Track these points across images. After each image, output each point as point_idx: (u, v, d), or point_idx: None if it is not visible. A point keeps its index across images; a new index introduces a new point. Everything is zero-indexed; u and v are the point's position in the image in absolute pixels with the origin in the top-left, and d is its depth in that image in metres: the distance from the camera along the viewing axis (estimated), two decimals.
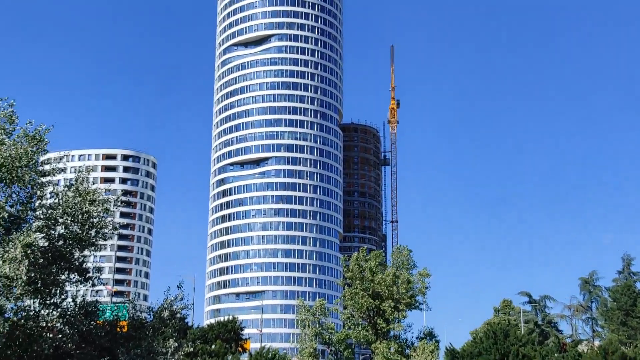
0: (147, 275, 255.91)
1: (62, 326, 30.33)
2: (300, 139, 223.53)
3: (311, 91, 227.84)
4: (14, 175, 28.50)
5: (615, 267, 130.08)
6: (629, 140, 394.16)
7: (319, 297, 77.77)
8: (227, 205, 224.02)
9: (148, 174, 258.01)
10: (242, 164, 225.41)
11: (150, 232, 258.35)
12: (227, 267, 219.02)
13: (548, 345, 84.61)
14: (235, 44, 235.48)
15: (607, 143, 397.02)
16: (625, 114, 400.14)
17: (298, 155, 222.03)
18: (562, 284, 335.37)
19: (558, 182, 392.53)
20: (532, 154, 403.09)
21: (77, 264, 30.83)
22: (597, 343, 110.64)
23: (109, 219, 31.72)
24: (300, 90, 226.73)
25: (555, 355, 70.14)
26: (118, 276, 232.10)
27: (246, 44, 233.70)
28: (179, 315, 34.51)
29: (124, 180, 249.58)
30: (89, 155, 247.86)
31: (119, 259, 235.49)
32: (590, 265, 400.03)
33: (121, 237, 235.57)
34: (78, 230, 30.44)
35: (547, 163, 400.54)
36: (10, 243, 27.00)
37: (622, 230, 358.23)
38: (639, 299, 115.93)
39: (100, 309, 31.95)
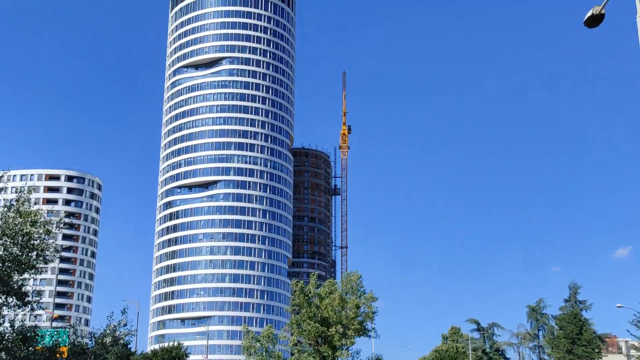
0: (89, 299, 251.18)
1: None
2: (250, 163, 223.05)
3: (262, 115, 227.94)
4: None
5: (562, 296, 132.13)
6: (578, 173, 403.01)
7: (267, 323, 77.39)
8: (174, 228, 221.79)
9: (93, 196, 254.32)
10: (190, 187, 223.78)
11: (93, 255, 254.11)
12: (173, 292, 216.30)
13: None
14: (186, 66, 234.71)
15: (557, 174, 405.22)
16: (570, 149, 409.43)
17: (248, 179, 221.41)
18: (510, 312, 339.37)
19: (509, 214, 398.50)
20: (483, 183, 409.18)
21: (15, 287, 30.10)
22: None
23: (51, 241, 31.10)
24: (251, 113, 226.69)
25: None
26: (59, 300, 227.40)
27: (197, 66, 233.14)
28: (122, 341, 33.95)
29: (67, 202, 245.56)
30: (31, 175, 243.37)
31: (61, 283, 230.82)
32: (538, 294, 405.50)
33: (63, 260, 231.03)
34: (18, 252, 29.76)
35: (498, 193, 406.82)
36: None
37: (570, 264, 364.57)
38: (585, 327, 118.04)
39: (40, 334, 31.23)
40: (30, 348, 30.18)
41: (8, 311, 30.41)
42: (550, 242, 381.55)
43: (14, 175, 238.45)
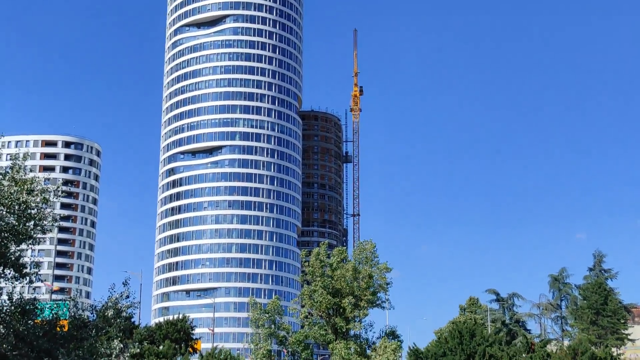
0: (89, 271, 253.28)
1: None
2: (256, 127, 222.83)
3: (269, 76, 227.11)
4: None
5: (586, 264, 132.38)
6: (604, 138, 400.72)
7: (275, 295, 77.89)
8: (178, 196, 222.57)
9: (91, 163, 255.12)
10: (194, 153, 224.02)
11: (93, 224, 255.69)
12: (177, 263, 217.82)
13: (516, 345, 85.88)
14: (188, 25, 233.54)
15: (581, 141, 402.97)
16: (600, 114, 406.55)
17: (254, 144, 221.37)
18: (531, 281, 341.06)
19: (531, 178, 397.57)
20: (503, 148, 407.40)
21: (13, 258, 30.32)
22: (566, 343, 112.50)
23: (49, 210, 31.24)
24: (257, 74, 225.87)
25: (523, 355, 71.15)
26: (58, 272, 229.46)
27: (199, 25, 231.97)
28: (124, 314, 34.23)
29: (65, 169, 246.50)
30: (27, 141, 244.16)
31: (60, 254, 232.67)
32: (562, 263, 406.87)
33: (62, 229, 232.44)
34: (14, 222, 29.91)
35: (519, 159, 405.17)
36: None
37: (595, 230, 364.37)
38: (610, 297, 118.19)
39: (39, 307, 31.50)
40: (29, 322, 30.47)
41: (6, 283, 30.69)
42: (573, 208, 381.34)
43: (9, 142, 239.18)
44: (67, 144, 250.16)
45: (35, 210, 30.54)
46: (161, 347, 77.29)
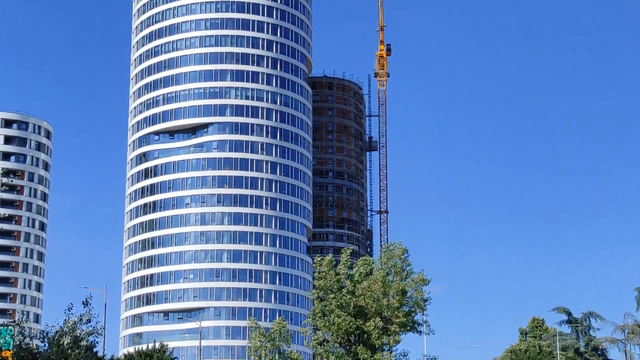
0: (39, 287, 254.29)
1: None
2: (252, 99, 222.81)
3: (268, 32, 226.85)
4: None
5: None
6: None
7: (280, 316, 78.06)
8: (151, 189, 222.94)
9: (39, 147, 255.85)
10: (172, 133, 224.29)
11: (43, 227, 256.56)
12: (152, 276, 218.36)
13: None
14: None
15: None
16: None
17: (250, 120, 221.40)
18: (612, 297, 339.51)
19: (608, 168, 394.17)
20: (572, 125, 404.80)
21: None
22: None
23: None
24: (253, 30, 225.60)
25: None
26: None
27: None
28: (84, 342, 34.38)
29: (5, 155, 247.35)
30: None
31: (0, 265, 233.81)
32: None
33: (2, 234, 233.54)
34: None
35: (591, 138, 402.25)
36: None
37: None
38: None
39: None
40: None
41: None
42: None
43: None
44: (7, 123, 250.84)
45: None
46: None
